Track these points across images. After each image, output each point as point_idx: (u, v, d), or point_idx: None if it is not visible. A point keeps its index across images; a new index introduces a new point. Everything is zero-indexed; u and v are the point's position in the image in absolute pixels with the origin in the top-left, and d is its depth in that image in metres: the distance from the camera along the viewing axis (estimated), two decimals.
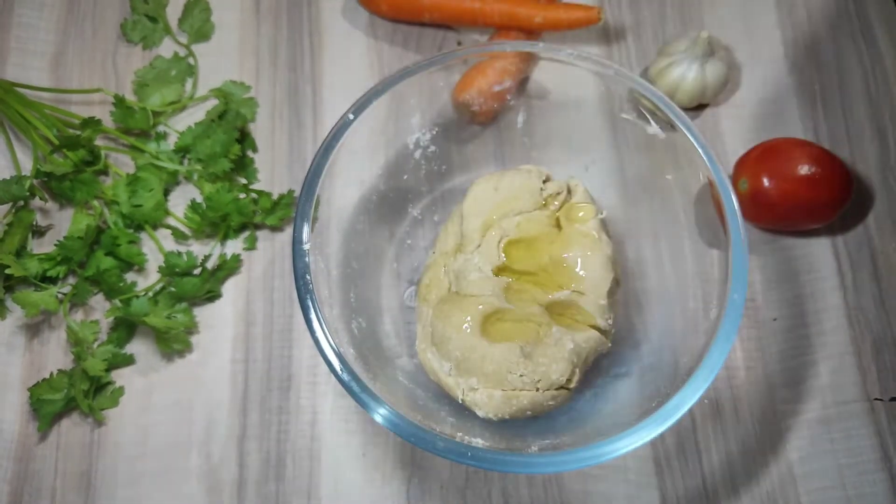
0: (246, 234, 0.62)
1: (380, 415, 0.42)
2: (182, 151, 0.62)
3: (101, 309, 0.60)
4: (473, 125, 0.55)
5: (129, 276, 0.60)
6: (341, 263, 0.51)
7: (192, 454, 0.56)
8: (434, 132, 0.54)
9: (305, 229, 0.46)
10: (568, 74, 0.53)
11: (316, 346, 0.44)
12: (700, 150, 0.48)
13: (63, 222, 0.62)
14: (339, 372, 0.43)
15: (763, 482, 0.55)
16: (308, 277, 0.45)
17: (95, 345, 0.58)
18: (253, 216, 0.61)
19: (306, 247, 0.46)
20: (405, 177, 0.55)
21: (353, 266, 0.52)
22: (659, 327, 0.52)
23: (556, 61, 0.52)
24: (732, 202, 0.46)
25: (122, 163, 0.63)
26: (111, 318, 0.58)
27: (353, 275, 0.52)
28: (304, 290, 0.45)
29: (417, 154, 0.54)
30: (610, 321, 0.51)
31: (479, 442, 0.45)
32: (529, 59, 0.56)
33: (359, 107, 0.49)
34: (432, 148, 0.54)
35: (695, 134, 0.48)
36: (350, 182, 0.51)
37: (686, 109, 0.65)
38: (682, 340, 0.48)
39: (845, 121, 0.65)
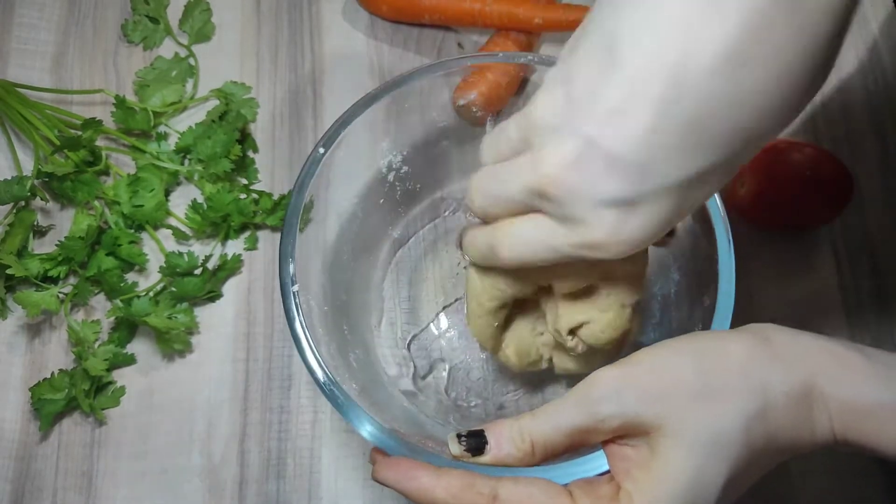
0: (247, 234, 0.62)
1: (387, 446, 0.42)
2: (183, 152, 0.62)
3: (102, 309, 0.60)
4: (444, 141, 0.56)
5: (130, 277, 0.60)
6: (330, 297, 0.51)
7: (194, 453, 0.56)
8: (405, 153, 0.54)
9: (291, 268, 0.46)
10: None
11: (319, 388, 0.43)
12: None
13: (64, 222, 0.62)
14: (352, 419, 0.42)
15: (762, 482, 0.55)
16: (301, 319, 0.44)
17: (96, 345, 0.58)
18: (254, 216, 0.61)
19: (295, 288, 0.45)
20: (381, 200, 0.55)
21: (342, 298, 0.53)
22: (655, 323, 0.52)
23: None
24: (714, 197, 0.46)
25: (123, 163, 0.63)
26: (112, 318, 0.58)
27: (343, 307, 0.52)
28: (299, 332, 0.44)
29: (391, 177, 0.55)
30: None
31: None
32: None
33: (328, 139, 0.48)
34: (405, 168, 0.54)
35: None
36: (329, 214, 0.51)
37: None
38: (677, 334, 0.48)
39: (845, 121, 0.65)
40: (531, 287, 0.45)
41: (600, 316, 0.44)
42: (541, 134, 0.34)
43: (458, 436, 0.38)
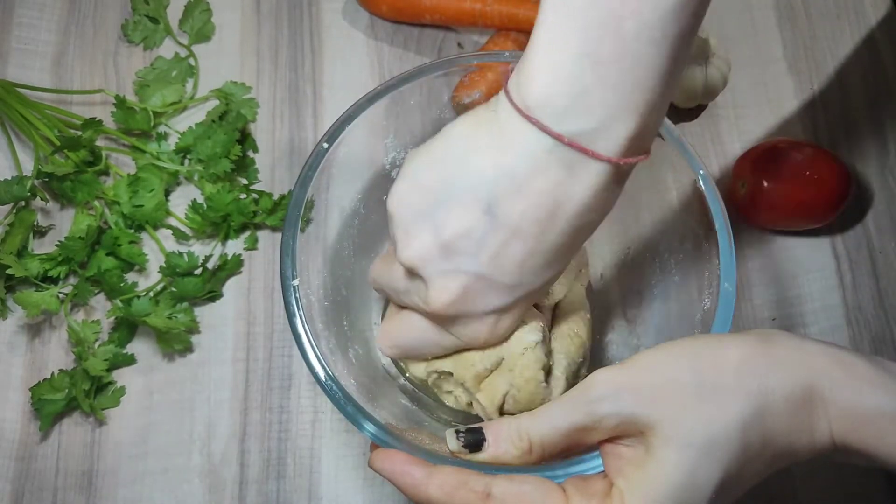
0: (247, 234, 0.62)
1: (385, 443, 0.42)
2: (183, 152, 0.62)
3: (102, 309, 0.60)
4: None
5: (130, 277, 0.60)
6: (331, 293, 0.51)
7: (194, 453, 0.57)
8: (409, 150, 0.54)
9: (292, 264, 0.46)
10: None
11: (318, 384, 0.43)
12: (678, 148, 0.48)
13: (64, 222, 0.62)
14: (346, 408, 0.42)
15: (762, 482, 0.55)
16: (301, 314, 0.45)
17: (96, 345, 0.58)
18: (254, 216, 0.61)
19: (296, 283, 0.45)
20: (384, 197, 0.56)
21: (343, 293, 0.53)
22: (656, 325, 0.52)
23: None
24: (714, 193, 0.46)
25: (123, 163, 0.63)
26: (112, 318, 0.58)
27: (344, 302, 0.52)
28: (299, 328, 0.44)
29: (394, 174, 0.55)
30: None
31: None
32: None
33: (331, 135, 0.48)
34: None
35: (671, 133, 0.48)
36: (331, 210, 0.51)
37: (685, 110, 0.65)
38: (678, 336, 0.48)
39: (845, 121, 0.65)
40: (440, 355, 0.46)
41: (512, 375, 0.44)
42: (421, 276, 0.40)
43: (457, 432, 0.38)
